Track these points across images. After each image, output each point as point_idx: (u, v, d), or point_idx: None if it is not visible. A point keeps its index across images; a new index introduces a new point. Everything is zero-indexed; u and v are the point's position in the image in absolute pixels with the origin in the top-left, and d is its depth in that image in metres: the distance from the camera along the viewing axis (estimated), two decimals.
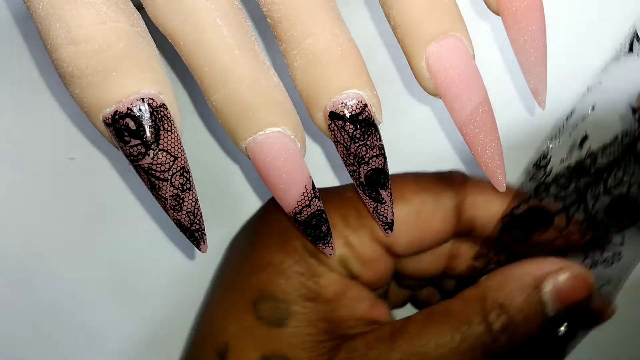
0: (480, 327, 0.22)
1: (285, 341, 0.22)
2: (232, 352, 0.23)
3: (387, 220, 0.22)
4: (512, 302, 0.22)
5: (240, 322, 0.23)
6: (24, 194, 0.28)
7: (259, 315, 0.23)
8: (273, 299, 0.23)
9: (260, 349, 0.22)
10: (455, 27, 0.20)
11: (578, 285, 0.22)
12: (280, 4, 0.19)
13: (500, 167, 0.22)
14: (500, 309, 0.22)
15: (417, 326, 0.23)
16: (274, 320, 0.23)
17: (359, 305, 0.24)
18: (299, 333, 0.23)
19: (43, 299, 0.28)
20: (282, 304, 0.23)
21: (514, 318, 0.22)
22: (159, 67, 0.19)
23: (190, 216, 0.20)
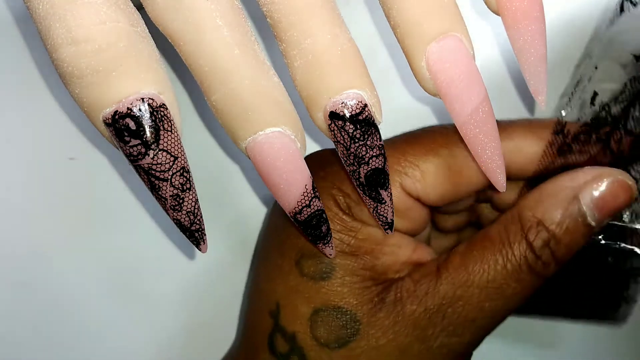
0: (521, 247, 0.22)
1: (334, 291, 0.23)
2: (283, 310, 0.24)
3: (387, 220, 0.22)
4: (551, 216, 0.22)
5: (286, 283, 0.24)
6: (24, 194, 0.28)
7: (303, 273, 0.24)
8: (315, 256, 0.24)
9: (311, 303, 0.23)
10: (455, 27, 0.20)
11: (618, 191, 0.22)
12: (280, 4, 0.19)
13: (500, 167, 0.22)
14: (539, 225, 0.22)
15: (459, 256, 0.23)
16: (318, 275, 0.23)
17: (401, 251, 0.24)
18: (345, 282, 0.23)
19: (43, 299, 0.28)
20: (324, 259, 0.23)
21: (555, 232, 0.22)
22: (159, 67, 0.19)
23: (190, 216, 0.20)
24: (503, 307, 0.23)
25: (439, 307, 0.23)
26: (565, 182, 0.23)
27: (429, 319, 0.23)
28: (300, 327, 0.23)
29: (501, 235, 0.23)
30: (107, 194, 0.29)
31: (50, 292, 0.28)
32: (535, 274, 0.23)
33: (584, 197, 0.22)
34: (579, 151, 0.24)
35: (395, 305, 0.23)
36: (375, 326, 0.23)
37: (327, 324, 0.23)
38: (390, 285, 0.23)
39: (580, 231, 0.22)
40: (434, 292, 0.23)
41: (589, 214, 0.22)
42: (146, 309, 0.30)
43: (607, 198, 0.22)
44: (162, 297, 0.30)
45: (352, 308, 0.23)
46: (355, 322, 0.23)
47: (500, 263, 0.22)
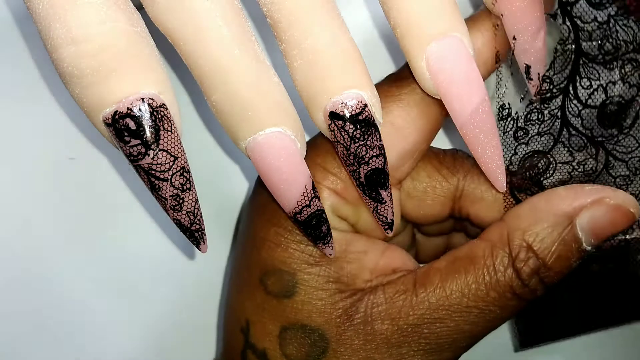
0: (508, 273, 0.21)
1: (299, 309, 0.22)
2: (253, 327, 0.23)
3: (387, 220, 0.22)
4: (542, 242, 0.21)
5: (253, 300, 0.23)
6: (24, 194, 0.28)
7: (268, 290, 0.23)
8: (277, 272, 0.23)
9: (277, 321, 0.23)
10: (455, 27, 0.20)
11: (618, 217, 0.21)
12: (280, 4, 0.19)
13: (500, 167, 0.22)
14: (529, 251, 0.21)
15: (439, 275, 0.22)
16: (282, 292, 0.23)
17: (368, 257, 0.23)
18: (309, 300, 0.22)
19: (43, 299, 0.28)
20: (286, 275, 0.23)
21: (545, 260, 0.21)
22: (159, 67, 0.19)
23: (190, 216, 0.20)
24: (484, 329, 0.22)
25: (414, 327, 0.22)
26: (560, 203, 0.21)
27: (404, 338, 0.22)
28: (269, 345, 0.23)
29: (486, 258, 0.22)
30: (107, 194, 0.29)
31: (50, 292, 0.28)
32: (521, 299, 0.22)
33: (580, 222, 0.21)
34: (537, 134, 0.23)
35: (365, 324, 0.22)
36: (345, 344, 0.22)
37: (295, 341, 0.22)
38: (361, 300, 0.22)
39: (574, 256, 0.21)
40: (408, 312, 0.22)
41: (584, 240, 0.21)
42: (146, 309, 0.30)
43: (605, 225, 0.21)
44: (162, 297, 0.30)
45: (318, 326, 0.22)
46: (323, 340, 0.22)
47: (483, 289, 0.21)
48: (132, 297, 0.29)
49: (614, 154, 0.22)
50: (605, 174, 0.23)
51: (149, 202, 0.29)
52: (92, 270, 0.29)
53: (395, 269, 0.23)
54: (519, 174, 0.23)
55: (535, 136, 0.23)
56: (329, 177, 0.23)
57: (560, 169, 0.23)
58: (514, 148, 0.23)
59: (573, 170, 0.23)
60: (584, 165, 0.23)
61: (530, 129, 0.23)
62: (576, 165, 0.23)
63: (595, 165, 0.23)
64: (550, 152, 0.23)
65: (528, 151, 0.23)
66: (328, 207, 0.23)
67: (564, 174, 0.23)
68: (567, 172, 0.23)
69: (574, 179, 0.23)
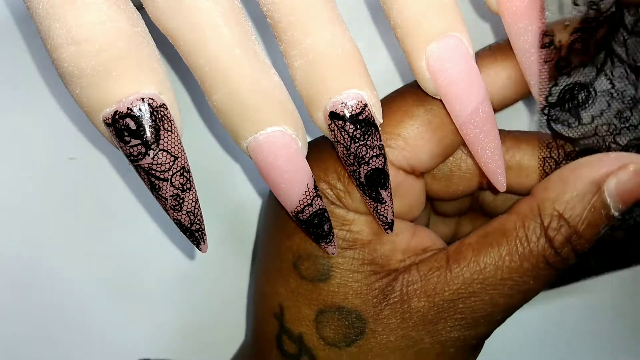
0: (540, 243, 0.21)
1: (334, 292, 0.23)
2: (287, 312, 0.23)
3: (387, 220, 0.22)
4: (573, 210, 0.21)
5: (287, 285, 0.23)
6: (24, 194, 0.28)
7: (302, 275, 0.23)
8: (311, 257, 0.23)
9: (313, 304, 0.23)
10: (455, 27, 0.20)
11: None
12: (280, 4, 0.19)
13: (500, 167, 0.22)
14: (560, 219, 0.21)
15: (472, 250, 0.22)
16: (317, 276, 0.23)
17: (399, 238, 0.23)
18: (345, 282, 0.23)
19: (43, 299, 0.28)
20: (321, 259, 0.23)
21: (577, 227, 0.21)
22: (159, 67, 0.19)
23: (190, 216, 0.20)
24: (518, 301, 0.22)
25: (450, 302, 0.22)
26: (586, 171, 0.22)
27: (439, 314, 0.22)
28: (306, 329, 0.23)
29: (518, 230, 0.22)
30: (107, 194, 0.29)
31: (50, 292, 0.28)
32: (554, 269, 0.22)
33: (608, 188, 0.21)
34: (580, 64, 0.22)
35: (402, 302, 0.22)
36: (382, 324, 0.22)
37: (332, 324, 0.23)
38: (396, 279, 0.23)
39: (603, 222, 0.21)
40: (443, 288, 0.22)
41: (612, 206, 0.21)
42: (146, 308, 0.30)
43: (632, 188, 0.21)
44: (162, 297, 0.30)
45: (355, 307, 0.22)
46: (361, 321, 0.22)
47: (517, 260, 0.21)
48: (132, 297, 0.29)
49: None
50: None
51: (149, 202, 0.29)
52: (92, 270, 0.29)
53: (425, 248, 0.24)
54: (558, 106, 0.22)
55: (578, 67, 0.22)
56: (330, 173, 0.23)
57: (599, 100, 0.23)
58: (554, 78, 0.22)
59: (612, 99, 0.22)
60: (622, 93, 0.22)
61: (573, 59, 0.22)
62: (615, 94, 0.22)
63: (634, 93, 0.22)
64: (592, 84, 0.22)
65: (569, 82, 0.22)
66: (358, 197, 0.23)
67: (603, 104, 0.23)
68: (606, 101, 0.23)
69: (612, 108, 0.23)
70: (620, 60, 0.22)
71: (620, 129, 0.23)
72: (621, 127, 0.23)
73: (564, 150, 0.23)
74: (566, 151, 0.23)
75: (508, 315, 0.23)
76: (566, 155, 0.23)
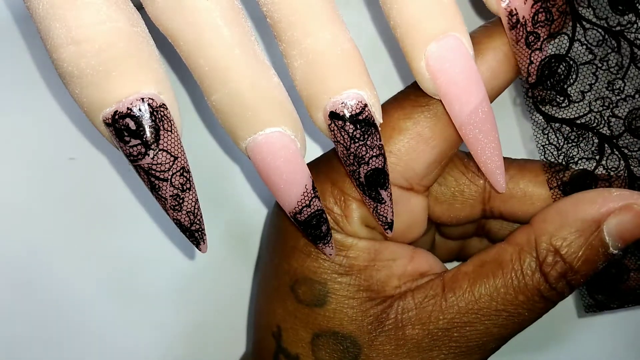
0: (535, 277, 0.21)
1: (330, 317, 0.23)
2: (285, 333, 0.24)
3: (387, 220, 0.22)
4: (570, 247, 0.21)
5: (284, 307, 0.24)
6: (24, 194, 0.28)
7: (299, 299, 0.23)
8: (308, 281, 0.23)
9: (310, 328, 0.23)
10: (455, 27, 0.20)
11: None
12: (280, 4, 0.19)
13: (499, 168, 0.22)
14: (556, 255, 0.21)
15: (469, 280, 0.22)
16: (314, 301, 0.23)
17: (397, 264, 0.23)
18: (341, 308, 0.23)
19: (43, 299, 0.28)
20: (318, 285, 0.23)
21: (573, 264, 0.21)
22: (158, 67, 0.19)
23: (190, 216, 0.20)
24: (513, 331, 0.22)
25: (445, 331, 0.22)
26: (587, 208, 0.21)
27: (434, 342, 0.22)
28: (302, 350, 0.23)
29: (514, 262, 0.22)
30: (107, 194, 0.29)
31: (50, 292, 0.28)
32: (549, 302, 0.22)
33: (608, 227, 0.21)
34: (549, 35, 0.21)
35: (397, 329, 0.22)
36: (377, 350, 0.22)
37: (328, 348, 0.23)
38: (391, 306, 0.23)
39: (600, 260, 0.21)
40: (438, 317, 0.22)
41: (611, 244, 0.21)
42: (146, 309, 0.30)
43: (633, 229, 0.21)
44: (162, 297, 0.30)
45: (350, 333, 0.23)
46: (355, 346, 0.22)
47: (512, 293, 0.22)
48: (132, 297, 0.29)
49: (638, 42, 0.21)
50: (634, 68, 0.22)
51: (149, 202, 0.29)
52: (92, 270, 0.29)
53: (422, 273, 0.24)
54: (540, 85, 0.22)
55: (547, 39, 0.21)
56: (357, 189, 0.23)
57: (583, 72, 0.22)
58: (528, 57, 0.21)
59: (597, 70, 0.22)
60: (607, 61, 0.21)
61: (541, 31, 0.21)
62: (599, 62, 0.22)
63: (619, 59, 0.21)
64: (568, 54, 0.21)
65: (543, 57, 0.21)
66: (357, 218, 0.23)
67: (588, 76, 0.22)
68: (592, 73, 0.22)
69: (600, 80, 0.22)
70: (589, 22, 0.21)
71: (616, 101, 0.22)
72: (617, 99, 0.22)
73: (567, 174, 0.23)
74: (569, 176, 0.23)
75: (502, 344, 0.23)
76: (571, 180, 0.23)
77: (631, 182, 0.23)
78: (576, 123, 0.23)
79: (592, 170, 0.23)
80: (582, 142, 0.23)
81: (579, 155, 0.23)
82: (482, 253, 0.23)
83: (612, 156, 0.23)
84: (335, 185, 0.23)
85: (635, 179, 0.23)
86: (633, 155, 0.22)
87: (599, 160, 0.23)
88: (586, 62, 0.22)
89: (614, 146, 0.23)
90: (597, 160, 0.23)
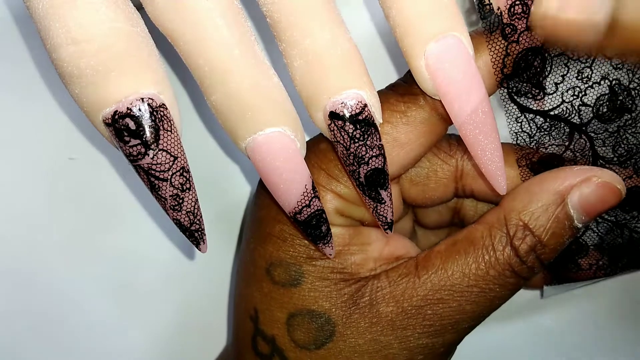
0: (506, 252, 0.22)
1: (305, 296, 0.23)
2: (261, 315, 0.24)
3: (386, 220, 0.22)
4: (537, 221, 0.22)
5: (261, 289, 0.24)
6: (24, 194, 0.28)
7: (274, 281, 0.24)
8: (283, 264, 0.24)
9: (285, 308, 0.23)
10: (455, 26, 0.20)
11: (607, 194, 0.22)
12: (280, 4, 0.19)
13: (500, 169, 0.22)
14: (525, 229, 0.22)
15: (441, 257, 0.23)
16: (289, 282, 0.23)
17: (371, 248, 0.24)
18: (315, 287, 0.23)
19: (43, 299, 0.28)
20: (292, 267, 0.23)
21: (541, 237, 0.22)
22: (158, 67, 0.19)
23: (190, 216, 0.20)
24: (485, 309, 0.23)
25: (418, 309, 0.22)
26: (551, 184, 0.22)
27: (407, 320, 0.22)
28: (278, 331, 0.23)
29: (485, 239, 0.22)
30: (107, 194, 0.29)
31: (50, 292, 0.28)
32: (520, 277, 0.22)
33: (571, 200, 0.22)
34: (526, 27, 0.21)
35: (371, 307, 0.23)
36: (351, 327, 0.23)
37: (303, 327, 0.23)
38: (365, 285, 0.23)
39: (567, 233, 0.22)
40: (411, 293, 0.22)
41: (576, 217, 0.22)
42: (146, 308, 0.30)
43: (595, 201, 0.22)
44: (161, 297, 0.30)
45: (325, 311, 0.23)
46: (330, 324, 0.23)
47: (483, 268, 0.22)
48: (132, 297, 0.29)
49: None
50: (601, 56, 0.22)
51: (149, 202, 0.29)
52: (92, 270, 0.29)
53: (398, 256, 0.24)
54: (516, 77, 0.22)
55: (524, 32, 0.22)
56: (332, 182, 0.23)
57: (556, 63, 0.22)
58: (504, 48, 0.22)
59: (569, 61, 0.22)
60: (577, 52, 0.22)
61: (518, 23, 0.21)
62: (570, 53, 0.22)
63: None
64: (543, 47, 0.22)
65: (520, 50, 0.22)
66: (332, 209, 0.23)
67: (561, 67, 0.22)
68: (564, 64, 0.22)
69: (572, 69, 0.22)
70: None
71: (584, 89, 0.23)
72: (585, 87, 0.23)
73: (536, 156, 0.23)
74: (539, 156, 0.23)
75: (475, 324, 0.23)
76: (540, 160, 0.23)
77: (594, 160, 0.24)
78: (549, 114, 0.23)
79: (560, 154, 0.23)
80: (554, 131, 0.23)
81: (550, 142, 0.24)
82: (454, 234, 0.24)
83: (580, 140, 0.23)
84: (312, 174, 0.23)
85: (598, 157, 0.23)
86: (598, 137, 0.23)
87: (568, 146, 0.24)
88: (559, 53, 0.22)
89: (582, 132, 0.23)
90: (566, 145, 0.24)
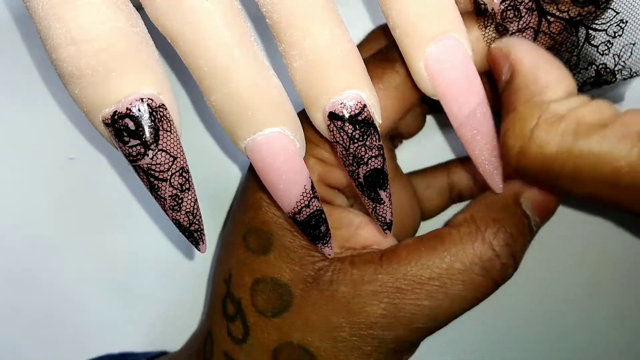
0: (477, 246, 0.22)
1: (272, 265, 0.24)
2: (233, 279, 0.25)
3: (385, 220, 0.22)
4: (503, 218, 0.23)
5: (237, 255, 0.25)
6: (24, 194, 0.28)
7: (248, 247, 0.24)
8: (258, 231, 0.24)
9: (252, 274, 0.24)
10: (454, 28, 0.20)
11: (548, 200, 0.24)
12: (279, 5, 0.19)
13: (497, 169, 0.22)
14: (495, 224, 0.22)
15: (406, 250, 0.23)
16: (260, 249, 0.24)
17: (339, 232, 0.24)
18: (282, 257, 0.24)
19: (43, 299, 0.28)
20: (264, 234, 0.24)
21: (511, 231, 0.22)
22: (158, 68, 0.19)
23: (189, 216, 0.20)
24: (443, 310, 0.22)
25: (374, 294, 0.22)
26: (509, 187, 0.24)
27: (362, 305, 0.22)
28: (243, 294, 0.24)
29: (452, 234, 0.23)
30: (107, 194, 0.29)
31: (50, 292, 0.28)
32: (489, 277, 0.22)
33: (524, 203, 0.23)
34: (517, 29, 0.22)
35: (330, 285, 0.23)
36: (308, 302, 0.23)
37: (264, 294, 0.24)
38: (329, 265, 0.23)
39: (527, 232, 0.23)
40: (370, 278, 0.22)
41: (532, 217, 0.23)
42: (145, 308, 0.30)
43: (542, 202, 0.23)
44: (161, 297, 0.30)
45: (286, 282, 0.23)
46: (289, 295, 0.23)
47: (447, 261, 0.22)
48: (132, 297, 0.29)
49: (594, 26, 0.22)
50: (587, 45, 0.23)
51: (149, 202, 0.29)
52: (91, 270, 0.29)
53: (366, 246, 0.24)
54: None
55: (516, 33, 0.22)
56: (313, 147, 0.23)
57: None
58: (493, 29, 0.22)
59: (557, 53, 0.23)
60: (565, 44, 0.23)
61: (510, 26, 0.22)
62: (558, 46, 0.23)
63: (575, 40, 0.23)
64: None
65: None
66: (316, 176, 0.24)
67: None
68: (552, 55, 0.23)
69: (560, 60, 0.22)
70: (553, 16, 0.22)
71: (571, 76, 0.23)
72: (572, 74, 0.23)
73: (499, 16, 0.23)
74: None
75: (432, 327, 0.23)
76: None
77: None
78: None
79: None
80: None
81: None
82: (425, 234, 0.24)
83: None
84: None
85: None
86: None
87: None
88: (548, 48, 0.23)
89: None
90: None
